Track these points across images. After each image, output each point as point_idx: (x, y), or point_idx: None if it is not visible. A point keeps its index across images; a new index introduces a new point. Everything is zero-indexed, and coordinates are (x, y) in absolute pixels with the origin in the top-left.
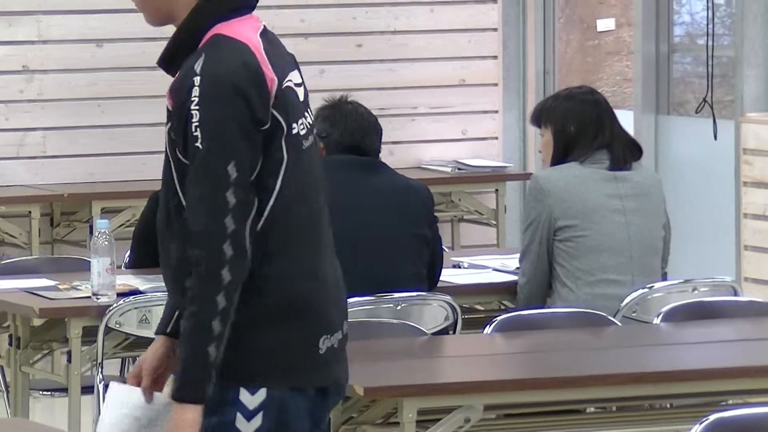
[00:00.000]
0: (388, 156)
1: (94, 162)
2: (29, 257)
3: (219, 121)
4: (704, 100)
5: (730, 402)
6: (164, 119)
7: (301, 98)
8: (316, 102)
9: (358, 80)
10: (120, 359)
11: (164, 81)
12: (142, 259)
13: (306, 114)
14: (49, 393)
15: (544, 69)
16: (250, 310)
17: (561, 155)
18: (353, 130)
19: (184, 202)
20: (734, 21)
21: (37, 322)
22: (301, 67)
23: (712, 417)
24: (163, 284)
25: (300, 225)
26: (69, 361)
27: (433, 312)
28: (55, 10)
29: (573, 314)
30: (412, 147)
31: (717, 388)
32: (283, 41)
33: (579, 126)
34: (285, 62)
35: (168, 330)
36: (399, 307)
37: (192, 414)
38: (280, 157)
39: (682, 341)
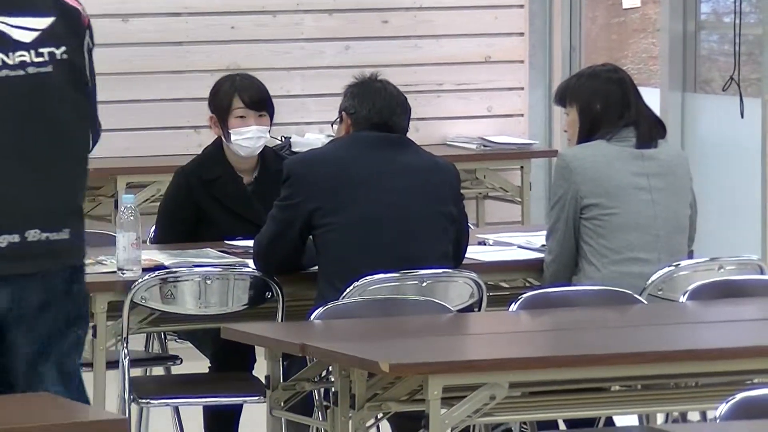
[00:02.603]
0: (413, 133)
1: (119, 137)
2: None
3: None
4: (731, 78)
5: (756, 381)
6: (189, 94)
7: (16, 37)
8: (345, 79)
9: (383, 56)
10: (145, 334)
11: (188, 56)
12: (167, 234)
13: (9, 53)
14: None
15: (570, 46)
16: None
17: (587, 134)
18: (382, 108)
19: None
20: None
21: None
22: (310, 43)
23: (738, 396)
24: (189, 259)
25: None
26: (94, 336)
27: (458, 289)
28: None
29: (599, 292)
30: (438, 124)
31: (743, 367)
32: (308, 17)
33: (605, 104)
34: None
35: None
36: (424, 284)
37: None
38: None
39: (708, 320)
